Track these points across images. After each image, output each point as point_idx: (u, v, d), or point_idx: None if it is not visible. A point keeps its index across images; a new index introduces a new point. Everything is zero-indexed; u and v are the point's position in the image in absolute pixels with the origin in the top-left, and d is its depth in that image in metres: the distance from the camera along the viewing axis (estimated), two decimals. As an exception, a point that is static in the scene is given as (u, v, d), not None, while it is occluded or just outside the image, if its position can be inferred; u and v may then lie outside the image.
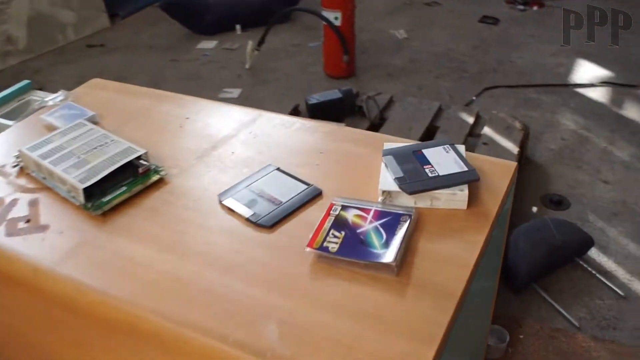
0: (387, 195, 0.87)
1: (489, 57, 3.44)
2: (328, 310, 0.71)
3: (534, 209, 2.17)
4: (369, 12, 3.82)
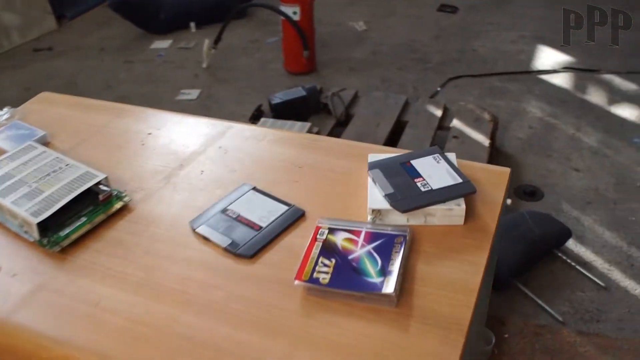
0: (377, 214, 0.79)
1: (451, 46, 3.39)
2: (325, 351, 0.63)
3: (509, 201, 2.13)
4: (326, 3, 3.73)
